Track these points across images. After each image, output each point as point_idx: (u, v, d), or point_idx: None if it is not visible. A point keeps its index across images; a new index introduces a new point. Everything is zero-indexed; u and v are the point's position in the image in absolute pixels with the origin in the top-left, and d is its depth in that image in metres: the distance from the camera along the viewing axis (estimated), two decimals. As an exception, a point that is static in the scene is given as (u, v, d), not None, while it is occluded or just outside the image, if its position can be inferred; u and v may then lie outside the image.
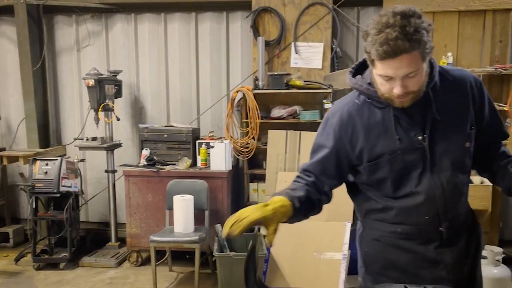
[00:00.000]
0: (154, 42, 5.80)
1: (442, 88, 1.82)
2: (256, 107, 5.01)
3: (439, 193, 1.82)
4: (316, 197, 1.89)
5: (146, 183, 5.12)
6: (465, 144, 1.84)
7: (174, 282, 4.84)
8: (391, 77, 1.66)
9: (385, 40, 1.58)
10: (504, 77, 4.91)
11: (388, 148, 1.82)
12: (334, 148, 1.89)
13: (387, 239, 1.93)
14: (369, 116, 1.85)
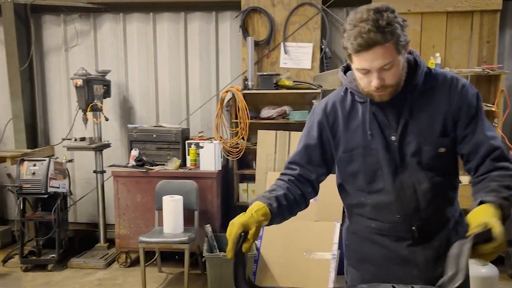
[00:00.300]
0: (143, 41, 5.78)
1: (425, 90, 1.82)
2: (246, 107, 5.01)
3: (410, 193, 1.83)
4: (299, 192, 1.92)
5: (135, 183, 5.10)
6: (439, 149, 1.80)
7: (164, 283, 4.82)
8: (368, 71, 1.70)
9: (358, 34, 1.62)
10: (492, 77, 4.95)
11: (362, 142, 1.86)
12: (318, 136, 1.96)
13: (363, 233, 1.98)
14: (351, 108, 1.90)
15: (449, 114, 1.80)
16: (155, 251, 5.00)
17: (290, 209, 1.88)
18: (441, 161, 1.82)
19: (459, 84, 1.83)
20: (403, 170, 1.83)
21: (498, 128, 4.80)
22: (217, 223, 5.01)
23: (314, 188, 2.00)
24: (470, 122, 1.79)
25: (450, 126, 1.80)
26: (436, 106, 1.81)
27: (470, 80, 5.02)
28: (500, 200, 1.58)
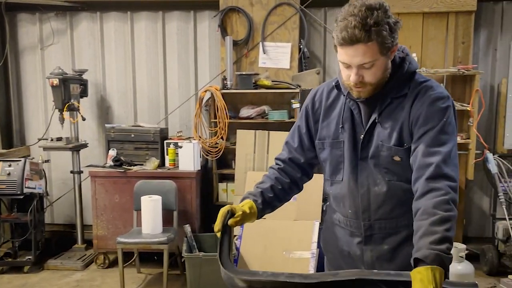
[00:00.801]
0: (121, 41, 5.73)
1: (398, 95, 1.82)
2: (225, 106, 5.01)
3: (362, 192, 1.87)
4: (288, 180, 2.01)
5: (113, 184, 5.05)
6: (394, 157, 1.79)
7: (142, 284, 4.79)
8: (349, 65, 1.72)
9: (344, 27, 1.64)
10: (467, 77, 5.04)
11: (333, 133, 1.93)
12: (305, 119, 2.04)
13: (328, 223, 2.10)
14: (334, 99, 1.96)
15: (406, 124, 1.77)
16: (134, 252, 4.96)
17: (279, 198, 1.98)
18: (398, 168, 1.81)
19: (426, 94, 1.77)
20: (362, 169, 1.87)
21: (473, 127, 4.89)
22: (197, 223, 5.00)
23: (306, 172, 2.07)
24: (423, 135, 1.72)
25: (406, 137, 1.77)
26: (399, 114, 1.79)
27: (446, 80, 5.12)
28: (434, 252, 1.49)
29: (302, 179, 2.07)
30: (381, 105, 1.82)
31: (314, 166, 2.09)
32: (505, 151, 5.20)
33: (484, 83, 5.29)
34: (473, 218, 5.51)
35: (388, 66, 1.76)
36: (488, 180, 5.14)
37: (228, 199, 5.26)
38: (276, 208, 2.00)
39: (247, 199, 1.89)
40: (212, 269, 4.20)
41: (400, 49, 1.85)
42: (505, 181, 4.91)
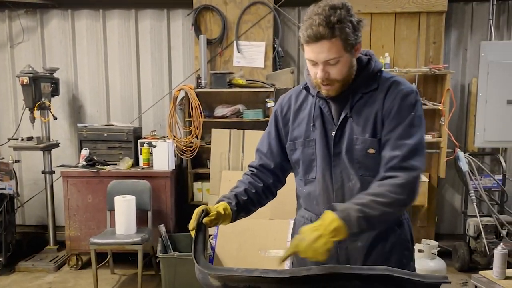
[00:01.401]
0: (93, 39, 5.65)
1: (368, 91, 1.88)
2: (199, 105, 4.99)
3: (336, 188, 1.90)
4: (261, 184, 2.04)
5: (86, 184, 4.99)
6: (368, 150, 1.83)
7: (117, 285, 4.74)
8: (315, 62, 1.78)
9: (309, 25, 1.72)
10: (438, 77, 5.12)
11: (304, 133, 1.96)
12: (274, 124, 2.09)
13: (299, 223, 2.07)
14: (303, 101, 2.01)
15: (379, 116, 1.83)
16: (108, 253, 4.91)
17: (253, 202, 2.00)
18: (372, 161, 1.84)
19: (397, 89, 1.84)
20: (336, 165, 1.90)
21: (445, 126, 4.98)
22: (171, 223, 4.97)
23: (278, 177, 2.10)
24: (393, 128, 1.80)
25: (379, 129, 1.83)
26: (372, 107, 1.85)
27: (417, 79, 5.20)
28: (347, 205, 1.70)
29: (275, 184, 2.10)
30: (352, 100, 1.87)
31: (286, 172, 2.12)
32: (476, 149, 5.31)
33: (455, 82, 5.38)
34: (445, 216, 5.61)
35: (353, 63, 1.83)
36: (459, 178, 5.24)
37: (203, 198, 5.24)
38: (250, 213, 2.02)
39: (222, 202, 1.92)
40: (187, 269, 4.18)
41: (364, 52, 1.93)
42: (476, 179, 5.01)
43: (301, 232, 1.64)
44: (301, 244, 1.61)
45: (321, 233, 1.60)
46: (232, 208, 1.91)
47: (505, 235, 4.79)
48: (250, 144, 5.02)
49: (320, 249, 1.60)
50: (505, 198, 5.18)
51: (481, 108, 5.07)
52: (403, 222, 1.95)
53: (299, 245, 1.61)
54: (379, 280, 1.52)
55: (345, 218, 1.64)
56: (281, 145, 2.07)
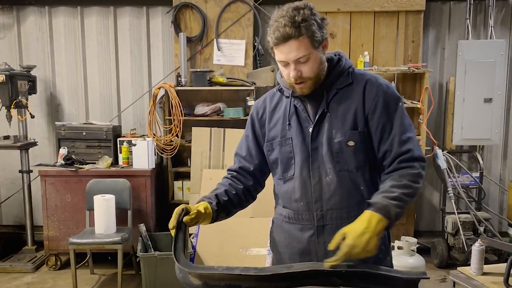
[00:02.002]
0: (70, 36, 5.58)
1: (343, 86, 1.94)
2: (179, 104, 4.96)
3: (314, 183, 1.94)
4: (241, 186, 2.08)
5: (64, 183, 4.93)
6: (348, 142, 1.89)
7: (96, 285, 4.70)
8: (287, 63, 1.84)
9: (276, 28, 1.79)
10: (417, 75, 5.18)
11: (280, 132, 2.01)
12: (251, 128, 2.13)
13: (277, 221, 2.11)
14: (277, 102, 2.06)
15: (361, 110, 1.90)
16: (87, 253, 4.86)
17: (233, 203, 2.03)
18: (352, 154, 1.90)
19: (376, 84, 1.93)
20: (314, 161, 1.94)
21: (423, 124, 5.03)
22: (152, 222, 4.94)
23: (257, 180, 2.13)
24: (386, 124, 1.89)
25: (360, 122, 1.90)
26: (350, 101, 1.92)
27: (396, 78, 5.25)
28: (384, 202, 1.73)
29: (255, 187, 2.13)
30: (327, 97, 1.93)
31: (265, 174, 2.15)
32: (454, 147, 5.38)
33: (433, 81, 5.45)
34: (424, 213, 5.68)
35: (322, 60, 1.88)
36: (438, 176, 5.30)
37: (184, 197, 5.21)
38: (230, 214, 2.04)
39: (202, 201, 1.95)
40: (168, 268, 4.16)
41: (335, 53, 2.00)
42: (454, 176, 5.08)
43: (349, 237, 1.65)
44: (355, 251, 1.63)
45: (370, 236, 1.65)
46: (213, 208, 1.93)
47: (482, 232, 4.87)
48: (231, 142, 5.02)
49: (372, 249, 1.66)
50: (482, 195, 5.26)
51: (458, 106, 5.14)
52: None
53: (353, 253, 1.63)
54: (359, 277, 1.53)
55: (386, 215, 1.71)
56: (259, 148, 2.11)
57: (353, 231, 1.66)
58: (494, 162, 5.63)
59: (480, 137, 5.20)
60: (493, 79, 5.09)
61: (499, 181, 5.63)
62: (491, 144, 5.42)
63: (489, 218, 5.00)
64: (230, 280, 1.56)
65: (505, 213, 5.51)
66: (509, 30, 5.44)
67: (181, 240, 1.75)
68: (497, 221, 5.60)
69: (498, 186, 5.62)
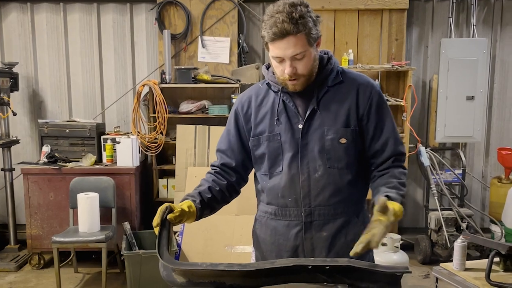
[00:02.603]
0: (53, 33, 5.52)
1: (334, 84, 1.96)
2: (164, 101, 4.94)
3: (303, 179, 1.94)
4: (224, 182, 2.06)
5: (47, 181, 4.88)
6: (340, 140, 1.92)
7: (80, 284, 4.66)
8: (282, 59, 1.84)
9: (274, 23, 1.77)
10: (401, 73, 5.21)
11: (268, 127, 1.99)
12: (234, 122, 2.10)
13: (262, 219, 2.10)
14: (264, 97, 2.04)
15: (354, 108, 1.93)
16: (70, 251, 4.82)
17: (217, 200, 2.02)
18: (343, 152, 1.92)
19: (369, 85, 1.97)
20: (303, 157, 1.94)
21: (407, 122, 5.07)
22: (136, 220, 4.91)
23: (240, 175, 2.12)
24: (377, 125, 1.95)
25: (353, 120, 1.93)
26: (342, 99, 1.94)
27: (380, 76, 5.28)
28: (399, 197, 1.79)
29: (238, 182, 2.12)
30: (318, 94, 1.94)
31: (248, 169, 2.14)
32: (437, 144, 5.43)
33: (417, 79, 5.49)
34: (408, 210, 5.72)
35: (316, 57, 1.90)
36: (421, 173, 5.35)
37: (168, 195, 5.19)
38: (214, 211, 2.03)
39: (186, 200, 1.93)
40: (152, 266, 4.14)
41: (323, 52, 2.01)
42: (437, 173, 5.13)
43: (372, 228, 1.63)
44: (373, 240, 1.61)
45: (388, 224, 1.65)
46: (197, 206, 1.91)
47: (465, 228, 4.92)
48: (216, 140, 4.94)
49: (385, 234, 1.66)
50: (465, 192, 5.31)
51: (441, 104, 5.19)
52: (362, 214, 2.03)
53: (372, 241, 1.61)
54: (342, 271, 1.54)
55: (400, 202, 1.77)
56: (242, 143, 2.09)
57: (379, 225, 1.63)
58: (476, 159, 5.70)
59: (462, 134, 5.26)
60: (475, 77, 5.15)
61: (481, 178, 5.70)
62: (474, 142, 5.49)
63: (471, 215, 5.06)
64: (214, 277, 1.56)
65: (487, 209, 5.57)
66: (491, 28, 5.51)
67: (165, 237, 1.73)
68: (479, 218, 5.68)
69: (480, 183, 5.69)
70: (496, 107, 5.63)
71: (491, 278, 2.80)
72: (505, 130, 5.65)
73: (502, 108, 5.63)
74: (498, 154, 5.20)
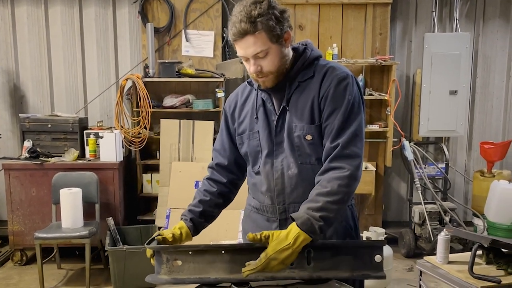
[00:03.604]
0: (34, 26, 5.43)
1: (305, 79, 1.92)
2: (147, 95, 4.90)
3: (276, 177, 1.95)
4: (215, 188, 2.09)
5: (29, 176, 4.81)
6: (306, 137, 1.88)
7: (64, 280, 4.62)
8: (247, 58, 1.83)
9: (233, 23, 1.78)
10: (385, 67, 5.23)
11: (249, 126, 2.01)
12: (224, 122, 2.13)
13: (246, 211, 2.16)
14: (247, 96, 2.06)
15: (317, 102, 1.87)
16: (53, 247, 4.77)
17: (210, 209, 2.06)
18: (311, 148, 1.90)
19: (332, 74, 1.87)
20: (278, 154, 1.95)
21: (391, 116, 5.10)
22: (120, 216, 4.88)
23: (234, 174, 2.14)
24: (331, 115, 1.84)
25: (317, 114, 1.87)
26: (308, 94, 1.90)
27: (364, 70, 5.28)
28: (306, 215, 1.70)
29: (233, 181, 2.14)
30: (289, 90, 1.92)
31: (241, 166, 2.14)
32: (420, 138, 5.47)
33: (400, 73, 5.51)
34: (392, 204, 5.76)
35: (284, 54, 1.86)
36: (405, 167, 5.38)
37: (153, 190, 5.17)
38: (213, 218, 2.10)
39: (180, 220, 2.01)
40: (137, 262, 4.13)
41: (302, 43, 1.98)
42: (420, 167, 5.17)
43: (270, 249, 1.66)
44: (272, 263, 1.65)
45: (291, 252, 1.66)
46: (188, 225, 1.97)
47: (448, 221, 4.97)
48: (200, 134, 4.98)
49: (288, 263, 1.68)
50: (448, 185, 5.36)
51: (425, 98, 5.22)
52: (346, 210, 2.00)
53: (270, 264, 1.65)
54: None
55: (309, 229, 1.68)
56: (233, 142, 2.11)
57: (277, 244, 1.66)
58: (459, 153, 5.75)
59: (445, 128, 5.30)
60: (458, 72, 5.18)
61: (464, 171, 5.75)
62: (457, 136, 5.53)
63: (454, 208, 5.11)
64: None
65: (469, 203, 5.63)
66: (474, 23, 5.54)
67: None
68: (462, 211, 5.73)
69: (463, 177, 5.75)
70: (479, 101, 5.68)
71: (474, 271, 2.83)
72: (487, 124, 5.71)
73: (484, 102, 5.68)
74: (480, 148, 5.26)
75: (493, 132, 5.71)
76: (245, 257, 1.69)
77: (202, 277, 1.69)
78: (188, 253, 1.70)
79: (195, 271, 1.70)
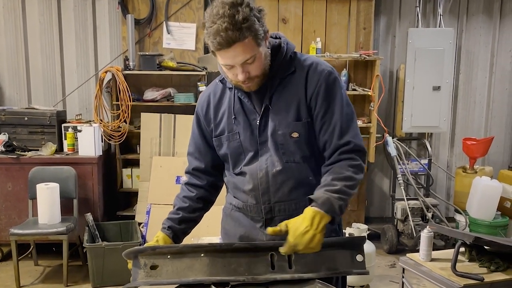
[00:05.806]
0: (10, 16, 5.27)
1: (285, 75, 1.87)
2: (127, 88, 4.79)
3: (261, 176, 1.90)
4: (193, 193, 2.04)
5: (5, 171, 4.69)
6: (292, 134, 1.84)
7: (40, 277, 4.51)
8: (232, 66, 1.73)
9: (216, 32, 1.63)
10: (368, 62, 5.20)
11: (227, 127, 1.94)
12: (197, 125, 2.05)
13: (227, 210, 2.09)
14: (221, 95, 1.97)
15: (303, 99, 1.83)
16: (30, 244, 4.66)
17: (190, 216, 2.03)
18: (296, 146, 1.85)
19: (318, 70, 1.84)
20: (262, 154, 1.90)
21: (374, 112, 5.07)
22: (99, 211, 4.78)
23: (213, 176, 2.09)
24: (327, 112, 1.82)
25: (304, 112, 1.83)
26: (292, 90, 1.84)
27: (348, 65, 5.24)
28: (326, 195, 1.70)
29: (213, 183, 2.09)
30: (270, 88, 1.85)
31: (219, 167, 2.08)
32: (403, 134, 5.45)
33: (384, 68, 5.49)
34: (374, 199, 5.76)
35: (267, 54, 1.80)
36: (388, 163, 5.37)
37: (133, 185, 5.08)
38: (195, 223, 2.08)
39: (159, 231, 1.98)
40: (116, 258, 4.05)
41: (274, 36, 1.91)
42: (403, 163, 5.16)
43: (290, 235, 1.64)
44: (297, 248, 1.64)
45: (313, 234, 1.63)
46: (167, 233, 1.95)
47: (430, 218, 4.97)
48: (182, 128, 4.90)
49: (316, 246, 1.65)
50: (431, 181, 5.37)
51: (408, 94, 5.21)
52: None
53: (296, 248, 1.65)
54: None
55: (329, 210, 1.67)
56: (207, 143, 2.04)
57: (296, 229, 1.64)
58: (442, 149, 5.76)
59: (429, 124, 5.30)
60: (441, 67, 5.18)
61: (447, 168, 5.77)
62: (439, 132, 5.54)
63: (436, 204, 5.12)
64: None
65: (451, 199, 5.65)
66: (457, 19, 5.54)
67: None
68: (444, 207, 5.75)
69: (445, 173, 5.76)
70: (462, 97, 5.69)
71: (457, 268, 2.82)
72: (470, 121, 5.72)
73: (467, 98, 5.69)
74: (463, 144, 5.26)
75: (476, 128, 5.73)
76: (225, 257, 1.66)
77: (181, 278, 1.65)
78: (167, 256, 1.67)
79: (174, 274, 1.65)
